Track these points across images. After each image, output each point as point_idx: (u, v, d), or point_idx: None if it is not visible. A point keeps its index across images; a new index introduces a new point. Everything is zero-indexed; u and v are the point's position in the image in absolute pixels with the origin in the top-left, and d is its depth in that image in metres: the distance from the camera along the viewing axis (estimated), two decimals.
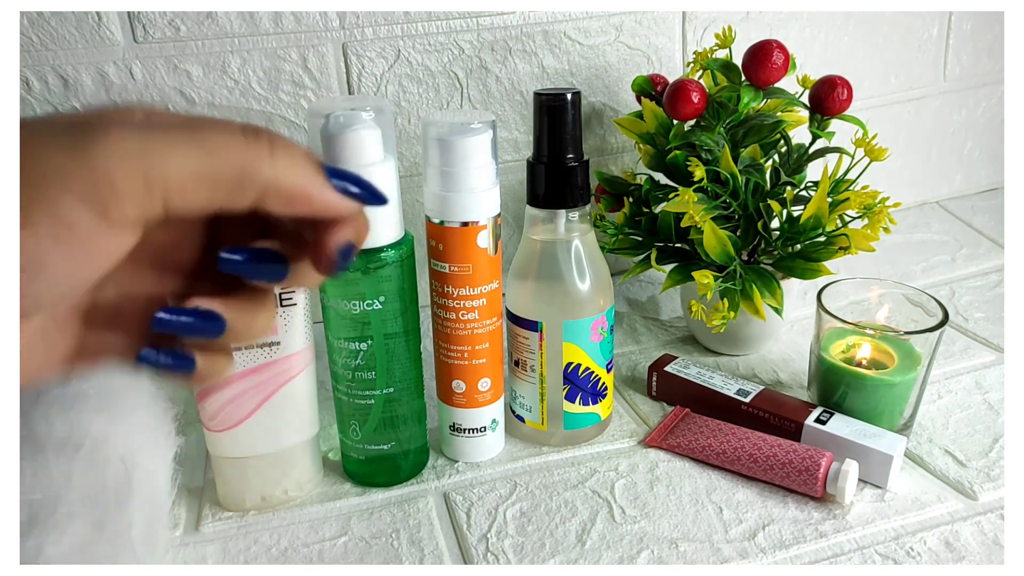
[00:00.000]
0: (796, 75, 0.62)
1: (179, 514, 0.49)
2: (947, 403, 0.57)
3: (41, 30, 0.57)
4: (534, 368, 0.52)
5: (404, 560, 0.45)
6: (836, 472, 0.47)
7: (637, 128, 0.64)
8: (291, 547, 0.47)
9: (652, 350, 0.66)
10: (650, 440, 0.54)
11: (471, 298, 0.49)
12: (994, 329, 0.66)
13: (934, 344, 0.51)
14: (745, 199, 0.58)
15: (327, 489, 0.51)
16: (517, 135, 0.71)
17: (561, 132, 0.48)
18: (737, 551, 0.45)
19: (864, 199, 0.55)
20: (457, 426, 0.52)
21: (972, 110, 0.89)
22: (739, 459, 0.50)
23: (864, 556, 0.44)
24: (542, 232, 0.51)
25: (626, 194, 0.65)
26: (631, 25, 0.70)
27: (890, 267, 0.77)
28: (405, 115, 0.67)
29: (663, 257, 0.62)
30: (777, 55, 0.57)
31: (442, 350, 0.51)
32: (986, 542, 0.45)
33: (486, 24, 0.66)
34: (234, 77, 0.62)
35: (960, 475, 0.50)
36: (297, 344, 0.47)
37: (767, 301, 0.56)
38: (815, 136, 0.60)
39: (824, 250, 0.57)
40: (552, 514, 0.48)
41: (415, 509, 0.49)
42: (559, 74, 0.70)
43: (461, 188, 0.46)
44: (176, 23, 0.60)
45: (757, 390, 0.55)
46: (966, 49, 0.85)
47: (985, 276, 0.76)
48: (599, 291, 0.51)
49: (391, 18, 0.64)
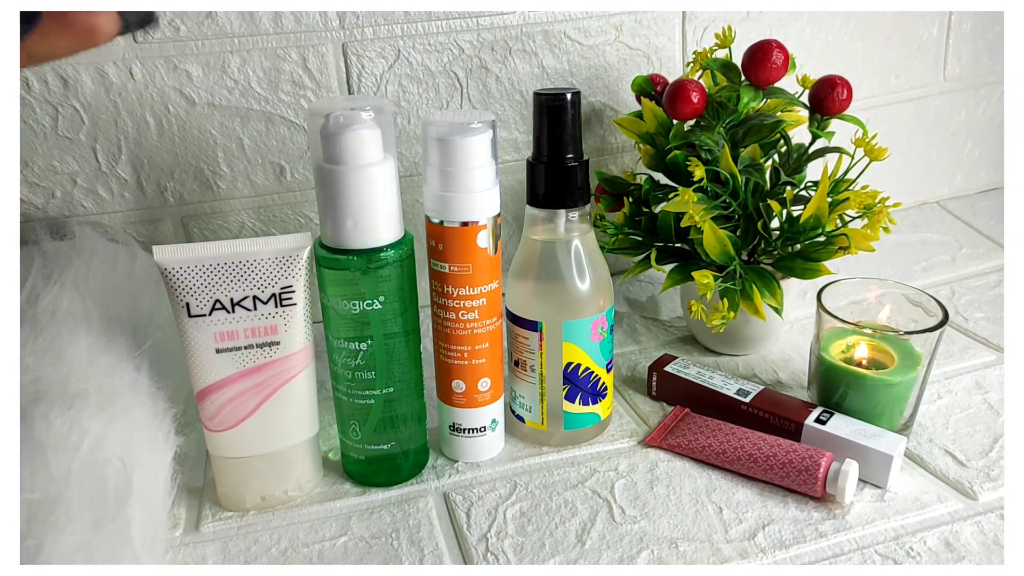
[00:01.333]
0: (796, 75, 0.62)
1: (179, 514, 0.49)
2: (947, 403, 0.57)
3: None
4: (534, 368, 0.52)
5: (404, 560, 0.45)
6: (836, 472, 0.47)
7: (637, 128, 0.64)
8: (291, 547, 0.47)
9: (652, 350, 0.66)
10: (650, 440, 0.54)
11: (471, 298, 0.49)
12: (994, 329, 0.66)
13: (934, 344, 0.51)
14: (745, 199, 0.58)
15: (327, 489, 0.51)
16: (517, 135, 0.71)
17: (561, 132, 0.48)
18: (737, 551, 0.45)
19: (864, 199, 0.55)
20: (457, 426, 0.52)
21: (972, 110, 0.89)
22: (739, 459, 0.50)
23: (864, 556, 0.44)
24: (542, 232, 0.51)
25: (626, 194, 0.65)
26: (631, 25, 0.70)
27: (890, 267, 0.77)
28: (405, 115, 0.67)
29: (663, 257, 0.62)
30: (777, 55, 0.57)
31: (442, 350, 0.51)
32: (986, 542, 0.45)
33: (486, 24, 0.66)
34: (234, 77, 0.62)
35: (960, 475, 0.50)
36: (297, 344, 0.47)
37: (767, 301, 0.56)
38: (815, 136, 0.60)
39: (824, 250, 0.57)
40: (552, 514, 0.48)
41: (415, 509, 0.49)
42: (559, 74, 0.70)
43: (461, 188, 0.46)
44: (176, 23, 0.60)
45: (757, 390, 0.55)
46: (966, 49, 0.85)
47: (985, 276, 0.76)
48: (599, 291, 0.51)
49: (391, 18, 0.64)
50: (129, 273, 0.56)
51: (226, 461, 0.48)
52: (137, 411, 0.45)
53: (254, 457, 0.48)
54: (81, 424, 0.40)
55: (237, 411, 0.47)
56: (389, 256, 0.46)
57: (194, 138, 0.63)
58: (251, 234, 0.67)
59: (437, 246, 0.48)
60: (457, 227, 0.47)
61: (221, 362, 0.46)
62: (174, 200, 0.64)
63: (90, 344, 0.47)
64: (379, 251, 0.46)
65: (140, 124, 0.62)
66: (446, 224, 0.47)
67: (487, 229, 0.47)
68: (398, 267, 0.46)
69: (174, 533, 0.48)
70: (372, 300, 0.46)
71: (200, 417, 0.47)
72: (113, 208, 0.63)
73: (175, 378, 0.50)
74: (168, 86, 0.61)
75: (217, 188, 0.65)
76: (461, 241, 0.47)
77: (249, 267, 0.45)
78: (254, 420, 0.47)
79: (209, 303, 0.45)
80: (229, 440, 0.47)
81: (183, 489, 0.51)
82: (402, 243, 0.47)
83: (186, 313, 0.45)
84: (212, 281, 0.44)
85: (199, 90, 0.62)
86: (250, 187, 0.66)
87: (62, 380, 0.43)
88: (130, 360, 0.48)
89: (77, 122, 0.60)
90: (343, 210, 0.44)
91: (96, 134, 0.61)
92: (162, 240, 0.65)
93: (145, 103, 0.61)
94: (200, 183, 0.64)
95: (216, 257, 0.44)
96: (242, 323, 0.45)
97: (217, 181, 0.65)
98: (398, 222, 0.47)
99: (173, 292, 0.44)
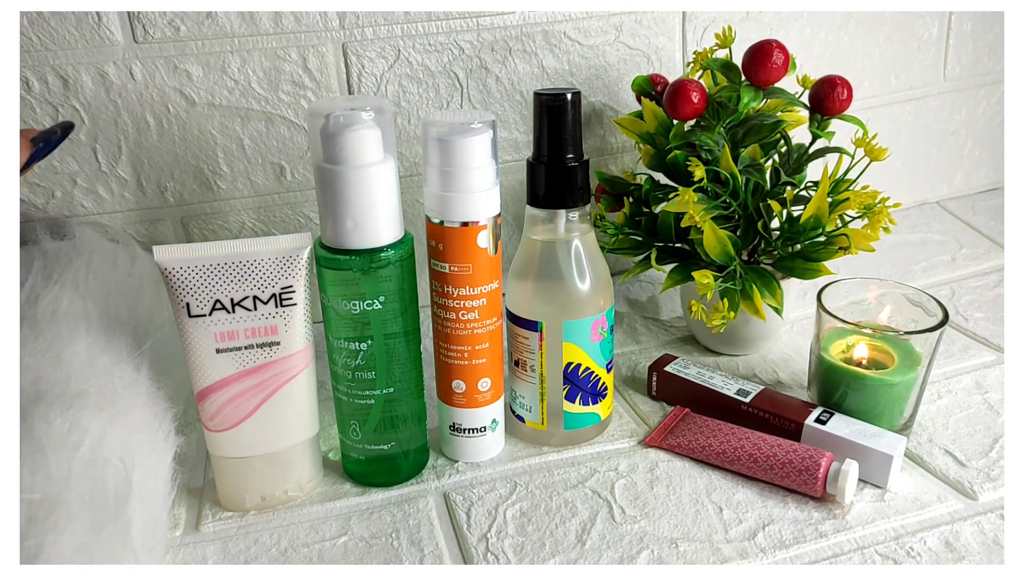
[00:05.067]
0: (796, 75, 0.62)
1: (179, 514, 0.49)
2: (947, 403, 0.57)
3: (41, 30, 0.57)
4: (534, 368, 0.52)
5: (404, 560, 0.45)
6: (836, 472, 0.47)
7: (637, 128, 0.64)
8: (291, 547, 0.47)
9: (652, 350, 0.66)
10: (650, 440, 0.54)
11: (471, 298, 0.49)
12: (994, 329, 0.66)
13: (934, 344, 0.51)
14: (745, 199, 0.58)
15: (327, 489, 0.51)
16: (517, 135, 0.71)
17: (561, 132, 0.48)
18: (737, 551, 0.45)
19: (864, 199, 0.55)
20: (457, 426, 0.52)
21: (972, 110, 0.89)
22: (739, 459, 0.50)
23: (864, 556, 0.44)
24: (542, 232, 0.51)
25: (626, 194, 0.65)
26: (631, 25, 0.70)
27: (890, 267, 0.77)
28: (405, 115, 0.67)
29: (663, 257, 0.62)
30: (777, 55, 0.57)
31: (442, 350, 0.51)
32: (986, 542, 0.45)
33: (486, 24, 0.66)
34: (234, 77, 0.62)
35: (960, 475, 0.50)
36: (297, 344, 0.47)
37: (767, 301, 0.56)
38: (815, 136, 0.60)
39: (824, 250, 0.57)
40: (552, 514, 0.48)
41: (415, 509, 0.49)
42: (559, 74, 0.70)
43: (461, 188, 0.46)
44: (176, 23, 0.60)
45: (757, 390, 0.55)
46: (966, 49, 0.85)
47: (985, 276, 0.76)
48: (599, 291, 0.51)
49: (391, 18, 0.64)
50: (129, 273, 0.56)
51: (226, 461, 0.48)
52: (137, 411, 0.45)
53: (254, 457, 0.48)
54: (81, 424, 0.40)
55: (237, 411, 0.47)
56: (389, 256, 0.46)
57: (194, 138, 0.63)
58: (251, 234, 0.67)
59: (437, 246, 0.48)
60: (457, 227, 0.47)
61: (221, 362, 0.46)
62: (174, 200, 0.64)
63: (90, 344, 0.47)
64: (379, 251, 0.46)
65: (140, 124, 0.62)
66: (446, 224, 0.47)
67: (487, 229, 0.47)
68: (398, 267, 0.46)
69: (174, 533, 0.48)
70: (372, 300, 0.46)
71: (200, 417, 0.47)
72: (113, 208, 0.63)
73: (175, 378, 0.50)
74: (168, 86, 0.61)
75: (217, 188, 0.65)
76: (461, 241, 0.47)
77: (249, 267, 0.45)
78: (254, 420, 0.47)
79: (209, 303, 0.45)
80: (229, 440, 0.47)
81: (183, 489, 0.51)
82: (402, 243, 0.47)
83: (186, 313, 0.45)
84: (212, 281, 0.44)
85: (199, 90, 0.62)
86: (250, 187, 0.66)
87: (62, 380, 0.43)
88: (130, 360, 0.48)
89: (77, 122, 0.60)
90: (343, 210, 0.44)
91: (96, 134, 0.61)
92: (162, 240, 0.65)
93: (145, 103, 0.61)
94: (200, 183, 0.64)
95: (216, 257, 0.44)
96: (242, 323, 0.45)
97: (217, 181, 0.65)
98: (398, 222, 0.47)
99: (173, 292, 0.44)
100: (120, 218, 0.64)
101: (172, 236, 0.66)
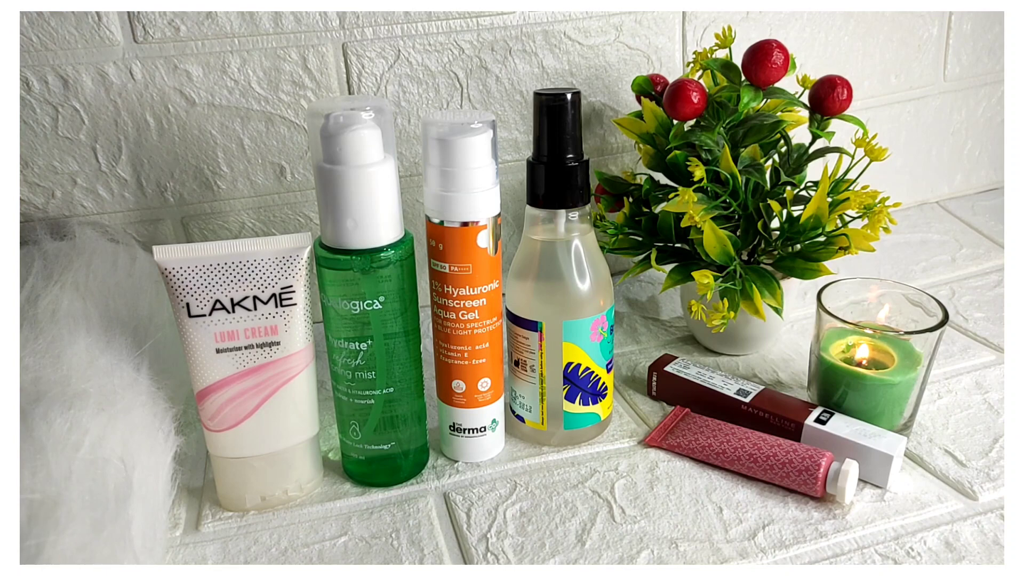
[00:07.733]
0: (796, 75, 0.62)
1: (179, 514, 0.49)
2: (947, 403, 0.57)
3: (41, 30, 0.57)
4: (534, 368, 0.52)
5: (404, 560, 0.45)
6: (836, 472, 0.47)
7: (637, 128, 0.64)
8: (291, 547, 0.47)
9: (652, 350, 0.66)
10: (650, 440, 0.54)
11: (471, 298, 0.49)
12: (994, 329, 0.66)
13: (934, 344, 0.51)
14: (745, 199, 0.58)
15: (327, 489, 0.51)
16: (517, 135, 0.71)
17: (561, 132, 0.48)
18: (737, 551, 0.45)
19: (864, 199, 0.55)
20: (457, 426, 0.52)
21: (972, 110, 0.89)
22: (739, 459, 0.50)
23: (864, 556, 0.44)
24: (542, 232, 0.51)
25: (626, 194, 0.65)
26: (631, 25, 0.70)
27: (890, 267, 0.77)
28: (405, 115, 0.67)
29: (663, 257, 0.62)
30: (777, 55, 0.57)
31: (442, 350, 0.51)
32: (986, 542, 0.45)
33: (486, 24, 0.66)
34: (234, 77, 0.62)
35: (960, 475, 0.50)
36: (297, 344, 0.47)
37: (767, 301, 0.56)
38: (815, 136, 0.60)
39: (824, 250, 0.57)
40: (552, 514, 0.48)
41: (415, 509, 0.49)
42: (559, 74, 0.70)
43: (461, 188, 0.46)
44: (176, 23, 0.60)
45: (757, 390, 0.55)
46: (966, 49, 0.85)
47: (985, 276, 0.76)
48: (599, 291, 0.51)
49: (391, 18, 0.64)
50: (129, 273, 0.56)
51: (226, 461, 0.48)
52: (137, 411, 0.45)
53: (254, 457, 0.48)
54: (81, 424, 0.40)
55: (237, 411, 0.47)
56: (389, 256, 0.46)
57: (194, 138, 0.63)
58: (251, 234, 0.67)
59: (437, 246, 0.48)
60: (457, 227, 0.47)
61: (221, 362, 0.46)
62: (174, 200, 0.64)
63: (90, 344, 0.47)
64: (379, 251, 0.46)
65: (140, 124, 0.62)
66: (446, 224, 0.47)
67: (487, 229, 0.47)
68: (398, 267, 0.46)
69: (174, 533, 0.48)
70: (372, 300, 0.46)
71: (200, 417, 0.47)
72: (113, 208, 0.63)
73: (175, 378, 0.50)
74: (168, 86, 0.61)
75: (217, 188, 0.65)
76: (461, 241, 0.47)
77: (249, 267, 0.45)
78: (254, 420, 0.47)
79: (209, 303, 0.45)
80: (229, 440, 0.47)
81: (183, 489, 0.51)
82: (402, 243, 0.47)
83: (186, 313, 0.45)
84: (212, 281, 0.44)
85: (199, 90, 0.62)
86: (250, 187, 0.66)
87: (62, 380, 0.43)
88: (130, 360, 0.48)
89: (77, 122, 0.60)
90: (343, 210, 0.44)
91: (96, 134, 0.61)
92: (162, 240, 0.65)
93: (145, 103, 0.61)
94: (200, 183, 0.64)
95: (216, 257, 0.44)
96: (242, 323, 0.45)
97: (217, 181, 0.65)
98: (398, 222, 0.47)
99: (173, 292, 0.44)
100: (120, 218, 0.64)
101: (172, 236, 0.66)
